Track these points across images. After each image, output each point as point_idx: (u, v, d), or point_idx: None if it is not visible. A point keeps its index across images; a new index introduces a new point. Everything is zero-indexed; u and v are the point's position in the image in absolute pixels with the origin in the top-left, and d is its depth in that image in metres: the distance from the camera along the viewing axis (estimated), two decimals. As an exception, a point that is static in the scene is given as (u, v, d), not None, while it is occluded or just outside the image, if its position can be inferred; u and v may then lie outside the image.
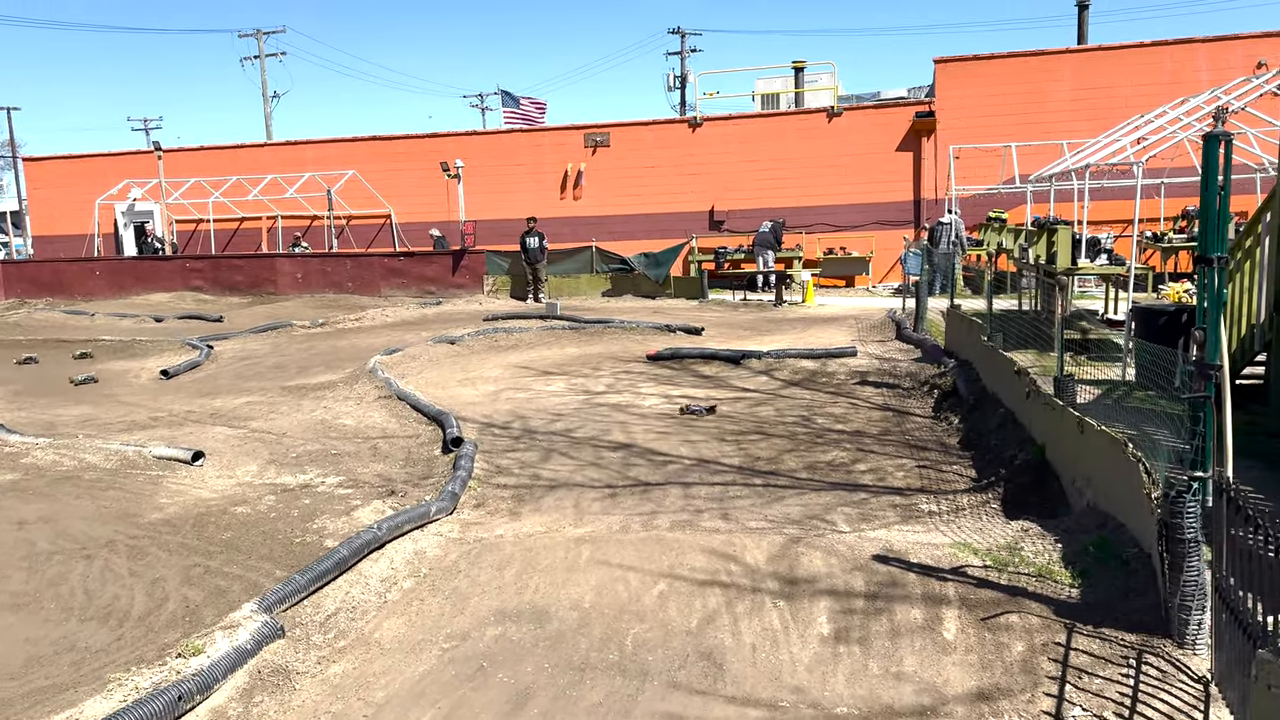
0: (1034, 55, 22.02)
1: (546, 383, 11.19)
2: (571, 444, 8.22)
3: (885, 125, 23.05)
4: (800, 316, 17.65)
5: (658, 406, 9.66)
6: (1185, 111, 13.67)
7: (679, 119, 24.69)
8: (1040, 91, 21.76)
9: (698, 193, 24.03)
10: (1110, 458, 4.97)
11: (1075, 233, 11.58)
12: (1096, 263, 11.64)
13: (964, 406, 8.57)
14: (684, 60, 48.96)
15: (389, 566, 5.32)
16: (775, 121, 24.17)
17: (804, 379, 10.84)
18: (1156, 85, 20.15)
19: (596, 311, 18.89)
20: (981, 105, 21.99)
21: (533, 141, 25.47)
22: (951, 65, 22.34)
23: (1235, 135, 13.18)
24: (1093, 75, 21.51)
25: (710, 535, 5.53)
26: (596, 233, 23.77)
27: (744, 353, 12.04)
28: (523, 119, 28.28)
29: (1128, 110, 19.05)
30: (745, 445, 7.98)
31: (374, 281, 23.00)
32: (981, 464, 6.99)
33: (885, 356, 11.95)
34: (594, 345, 14.15)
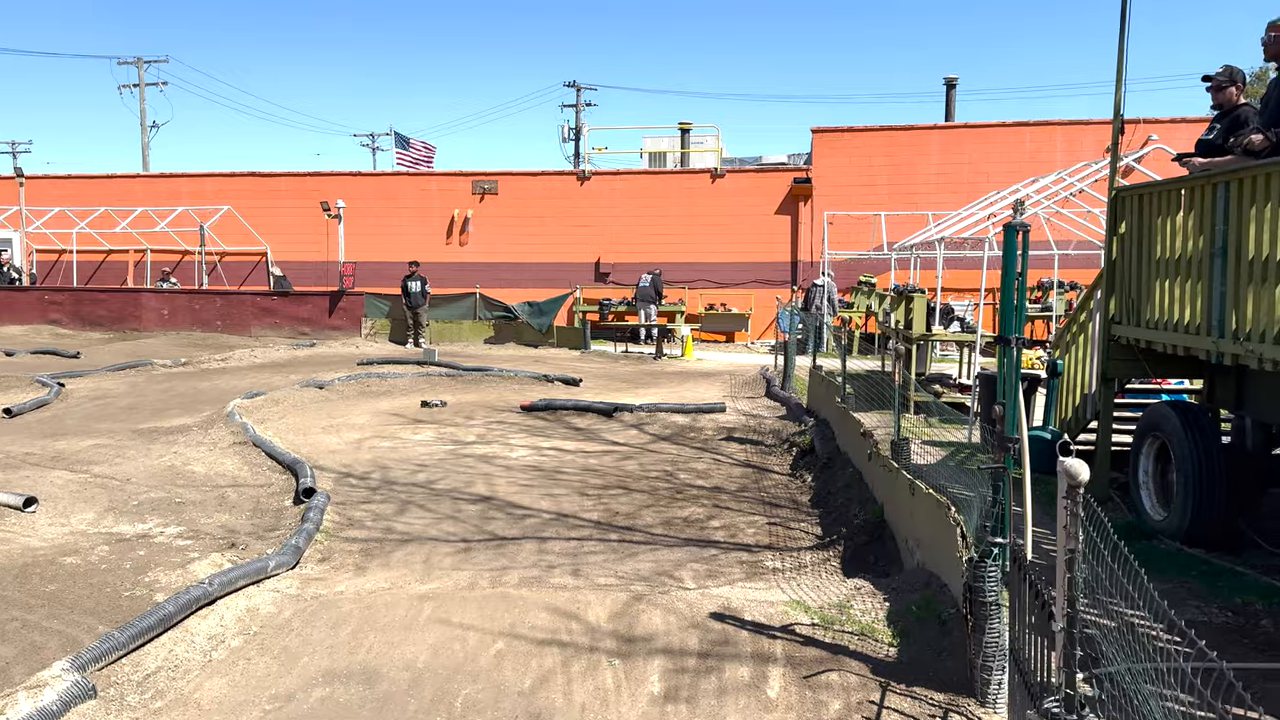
0: (905, 130, 23.20)
1: (415, 431, 11.04)
2: (431, 496, 8.12)
3: (765, 189, 23.83)
4: (678, 370, 17.94)
5: (526, 459, 9.65)
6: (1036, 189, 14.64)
7: (568, 171, 24.98)
8: (910, 164, 22.91)
9: (584, 244, 24.27)
10: (936, 520, 5.23)
11: (930, 301, 12.18)
12: (949, 330, 12.25)
13: (818, 464, 8.85)
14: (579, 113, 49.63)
15: (218, 623, 5.14)
16: (662, 179, 24.71)
17: (673, 434, 11.01)
18: (1018, 162, 21.45)
19: (477, 359, 18.77)
20: (855, 174, 22.99)
21: (420, 185, 25.33)
22: (828, 135, 23.33)
23: (1086, 211, 14.05)
24: (959, 150, 22.78)
25: (556, 592, 5.54)
26: (482, 279, 23.70)
27: (617, 406, 12.15)
28: (413, 161, 28.17)
29: (991, 185, 20.25)
30: (606, 500, 8.04)
31: (245, 321, 22.32)
32: (828, 522, 7.22)
33: (753, 413, 12.25)
34: (469, 393, 14.05)
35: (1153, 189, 7.09)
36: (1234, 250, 5.82)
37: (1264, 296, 5.51)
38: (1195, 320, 6.32)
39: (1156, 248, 6.90)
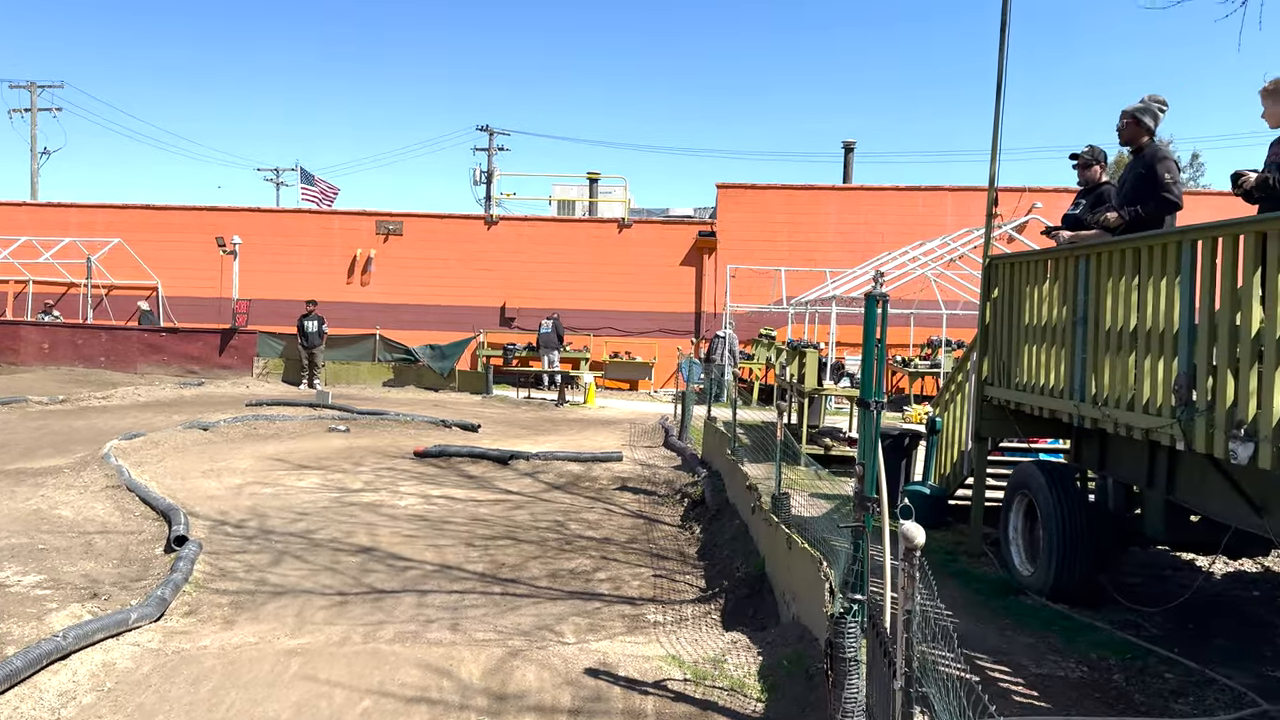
0: (805, 189, 23.94)
1: (300, 478, 10.75)
2: (309, 546, 7.90)
3: (671, 240, 24.21)
4: (579, 418, 17.93)
5: (413, 508, 9.48)
6: (923, 252, 15.27)
7: (475, 215, 24.94)
8: (810, 222, 23.60)
9: (490, 288, 24.19)
10: (809, 574, 5.33)
11: (823, 356, 12.51)
12: (840, 384, 12.58)
13: (708, 516, 8.93)
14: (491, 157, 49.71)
15: (70, 679, 4.88)
16: (569, 227, 24.88)
17: (567, 482, 10.97)
18: (911, 224, 22.31)
19: (374, 402, 18.43)
20: (758, 230, 23.56)
21: (322, 223, 24.92)
22: (732, 191, 23.89)
23: (969, 274, 14.66)
24: (856, 211, 23.58)
25: (431, 648, 5.44)
26: (383, 320, 23.36)
27: (512, 453, 12.06)
28: (318, 197, 27.78)
29: (885, 244, 21.02)
30: (494, 551, 7.94)
31: (130, 357, 21.47)
32: (712, 574, 7.28)
33: (649, 463, 12.31)
34: (362, 438, 13.76)
35: (1022, 259, 7.48)
36: (1093, 320, 6.16)
37: (1119, 365, 5.84)
38: (1059, 385, 6.65)
39: (1025, 314, 7.26)
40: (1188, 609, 6.33)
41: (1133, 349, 5.66)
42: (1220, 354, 4.81)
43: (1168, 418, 5.23)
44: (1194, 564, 7.74)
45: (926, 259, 14.28)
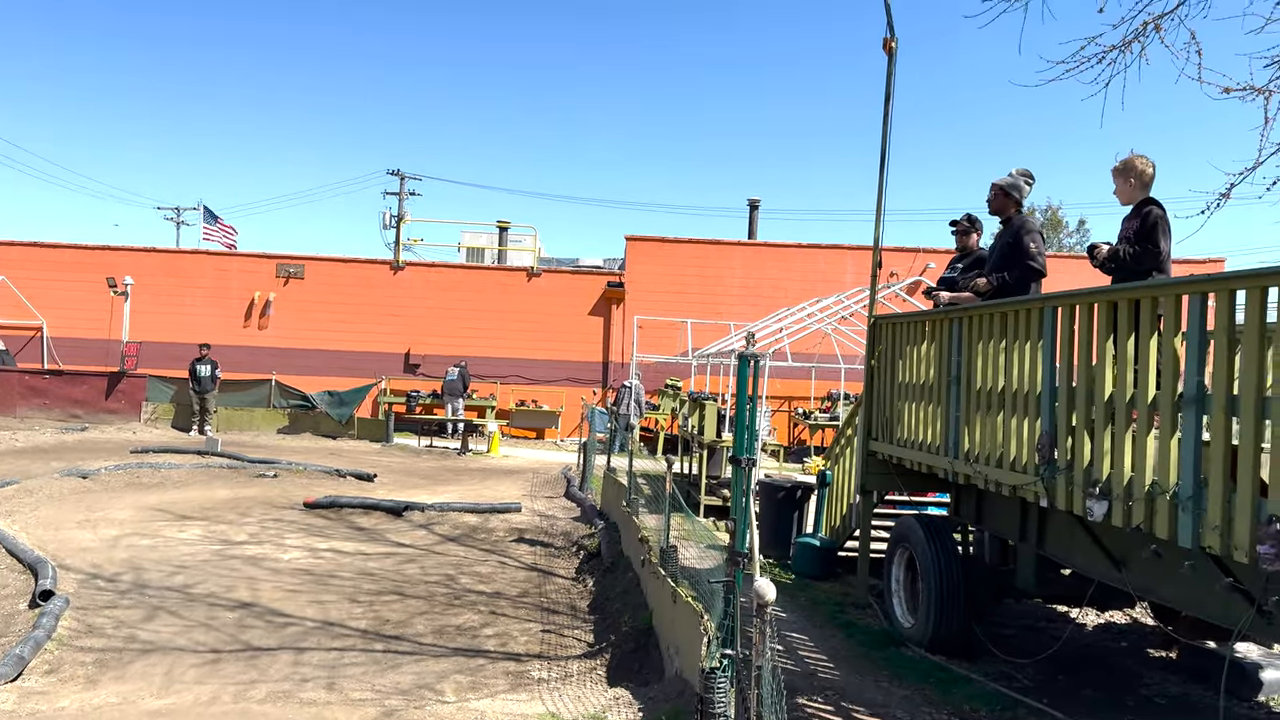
0: (712, 244, 24.39)
1: (181, 529, 10.35)
2: (185, 601, 7.60)
3: (581, 290, 24.33)
4: (482, 467, 17.73)
5: (299, 561, 9.21)
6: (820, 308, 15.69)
7: (381, 260, 24.64)
8: (717, 276, 24.02)
9: (395, 334, 23.86)
10: (691, 628, 5.36)
11: (722, 408, 12.69)
12: (739, 437, 12.76)
13: (601, 569, 8.91)
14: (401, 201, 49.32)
15: (-96, 749, 4.58)
16: (478, 274, 24.78)
17: (462, 534, 10.81)
18: (813, 280, 22.90)
19: (267, 450, 17.90)
20: (666, 282, 23.86)
21: (219, 265, 24.29)
22: (641, 243, 24.19)
23: (863, 329, 15.00)
24: (760, 267, 24.10)
25: (303, 708, 5.27)
26: (281, 365, 22.79)
27: (406, 504, 11.85)
28: (220, 236, 27.17)
29: (789, 299, 21.50)
30: (379, 607, 7.76)
31: (10, 400, 20.47)
32: (601, 629, 7.25)
33: (548, 514, 12.23)
34: (251, 488, 13.34)
35: (903, 319, 7.76)
36: (966, 380, 6.42)
37: (989, 423, 6.09)
38: (936, 441, 6.88)
39: (906, 372, 7.51)
40: (1059, 660, 6.55)
41: (1001, 409, 5.91)
42: (1078, 416, 5.07)
43: (1032, 475, 5.46)
44: (1067, 616, 8.03)
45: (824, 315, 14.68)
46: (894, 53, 7.95)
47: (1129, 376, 4.64)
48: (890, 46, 7.93)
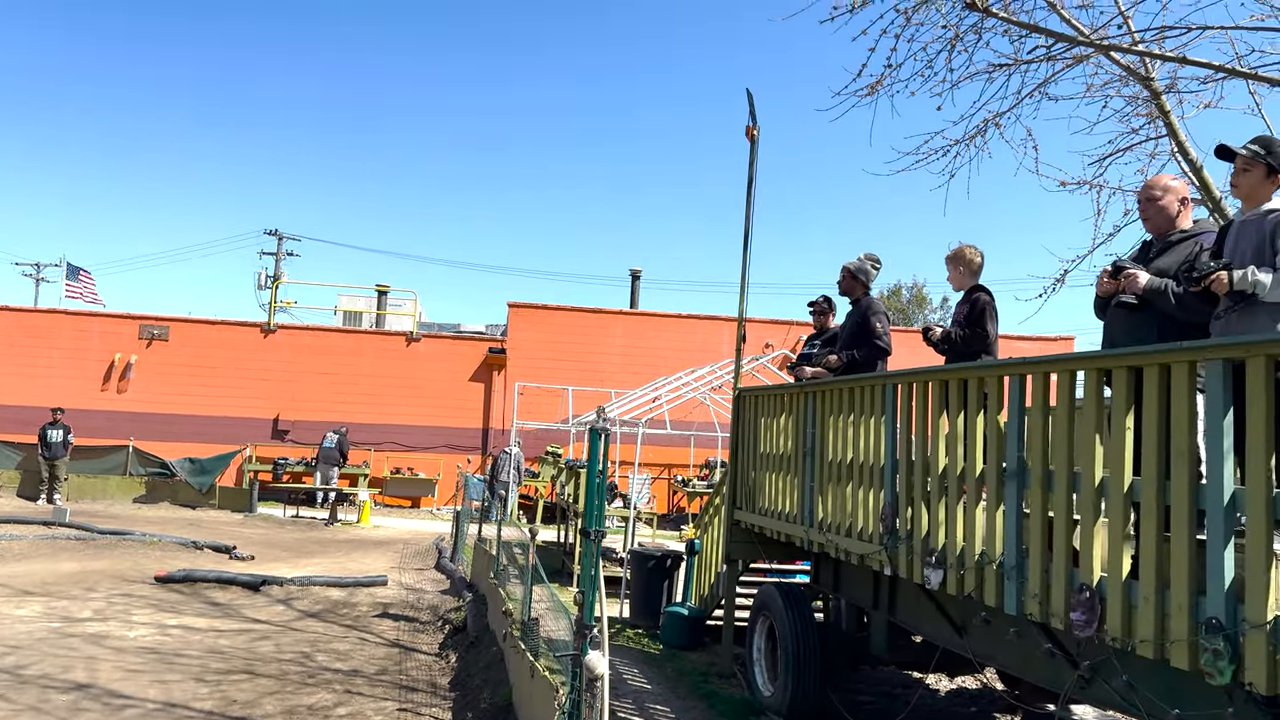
0: (594, 312, 24.65)
1: (19, 605, 9.68)
2: (16, 684, 7.09)
3: (461, 356, 24.14)
4: (351, 538, 17.20)
5: (145, 639, 8.72)
6: (696, 378, 16.00)
7: (251, 322, 23.94)
8: (598, 343, 24.23)
9: (265, 399, 23.09)
10: (547, 704, 5.31)
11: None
12: (613, 505, 12.80)
13: (466, 643, 8.74)
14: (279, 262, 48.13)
15: None
16: (355, 338, 24.33)
17: (323, 610, 10.44)
18: (691, 350, 23.31)
19: (121, 520, 16.95)
20: (547, 349, 23.92)
21: (78, 325, 23.15)
22: (523, 310, 24.26)
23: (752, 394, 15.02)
24: (641, 336, 24.44)
25: (132, 799, 4.97)
26: (141, 431, 21.74)
27: (265, 578, 11.38)
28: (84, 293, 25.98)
29: (669, 368, 21.80)
30: (226, 687, 7.40)
31: None
32: (461, 706, 7.09)
33: (416, 587, 11.93)
34: (100, 560, 12.59)
35: (764, 392, 8.02)
36: (819, 451, 6.67)
37: (839, 494, 6.32)
38: (793, 511, 7.09)
39: (767, 443, 7.74)
40: (910, 725, 6.73)
41: (851, 480, 6.14)
42: (916, 487, 5.33)
43: (877, 545, 5.68)
44: (923, 682, 8.27)
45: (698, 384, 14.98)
46: (756, 140, 8.34)
47: (959, 451, 4.92)
48: (752, 134, 8.32)
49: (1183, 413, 3.43)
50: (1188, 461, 3.41)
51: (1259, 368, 3.14)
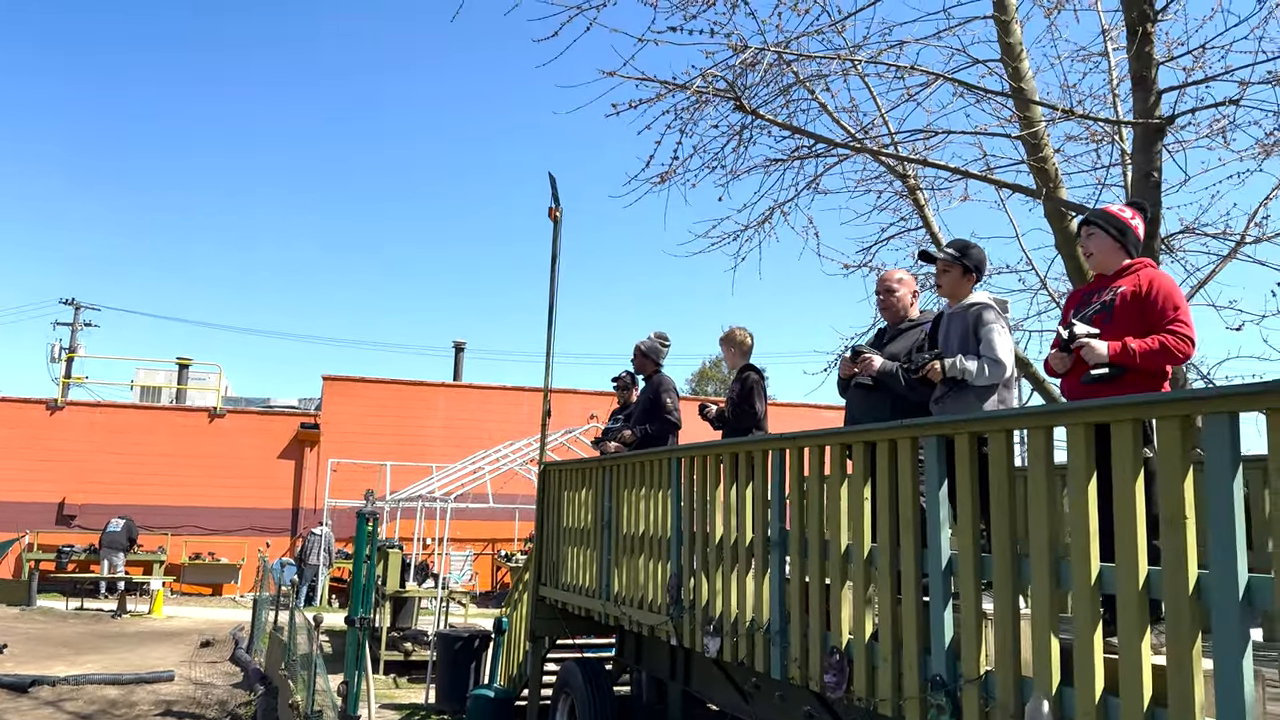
0: (415, 385, 24.23)
1: None
2: None
3: (270, 432, 23.11)
4: (140, 630, 15.95)
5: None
6: (514, 450, 15.96)
7: (35, 399, 22.15)
8: (419, 417, 23.77)
9: (49, 482, 21.30)
10: (326, 801, 5.11)
11: (407, 555, 12.40)
12: (424, 585, 12.49)
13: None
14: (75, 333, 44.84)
15: None
16: (152, 415, 22.90)
17: (98, 711, 9.62)
18: (517, 421, 23.18)
19: None
20: (365, 423, 23.26)
21: None
22: (339, 383, 23.56)
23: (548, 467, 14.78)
24: (464, 408, 24.18)
25: None
26: (-104, 521, 19.54)
27: (35, 678, 10.39)
28: None
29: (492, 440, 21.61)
30: (-28, 805, 6.69)
31: None
32: (242, 809, 6.68)
33: (207, 681, 11.19)
34: None
35: (567, 466, 8.12)
36: (615, 525, 6.80)
37: (633, 566, 6.46)
38: (592, 585, 7.17)
39: (570, 517, 7.82)
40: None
41: (642, 552, 6.30)
42: (697, 558, 5.53)
43: (664, 615, 5.83)
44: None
45: (515, 455, 14.94)
46: (559, 221, 8.58)
47: (732, 522, 5.16)
48: (555, 215, 8.57)
49: (908, 484, 3.76)
50: (913, 529, 3.73)
51: (965, 443, 3.50)
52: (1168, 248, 6.75)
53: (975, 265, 4.19)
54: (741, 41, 5.61)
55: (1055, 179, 6.10)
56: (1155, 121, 5.33)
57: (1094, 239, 3.51)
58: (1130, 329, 3.27)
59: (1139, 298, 3.30)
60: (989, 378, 3.90)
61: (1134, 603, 2.79)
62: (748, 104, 5.85)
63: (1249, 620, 2.50)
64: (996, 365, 3.89)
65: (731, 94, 5.76)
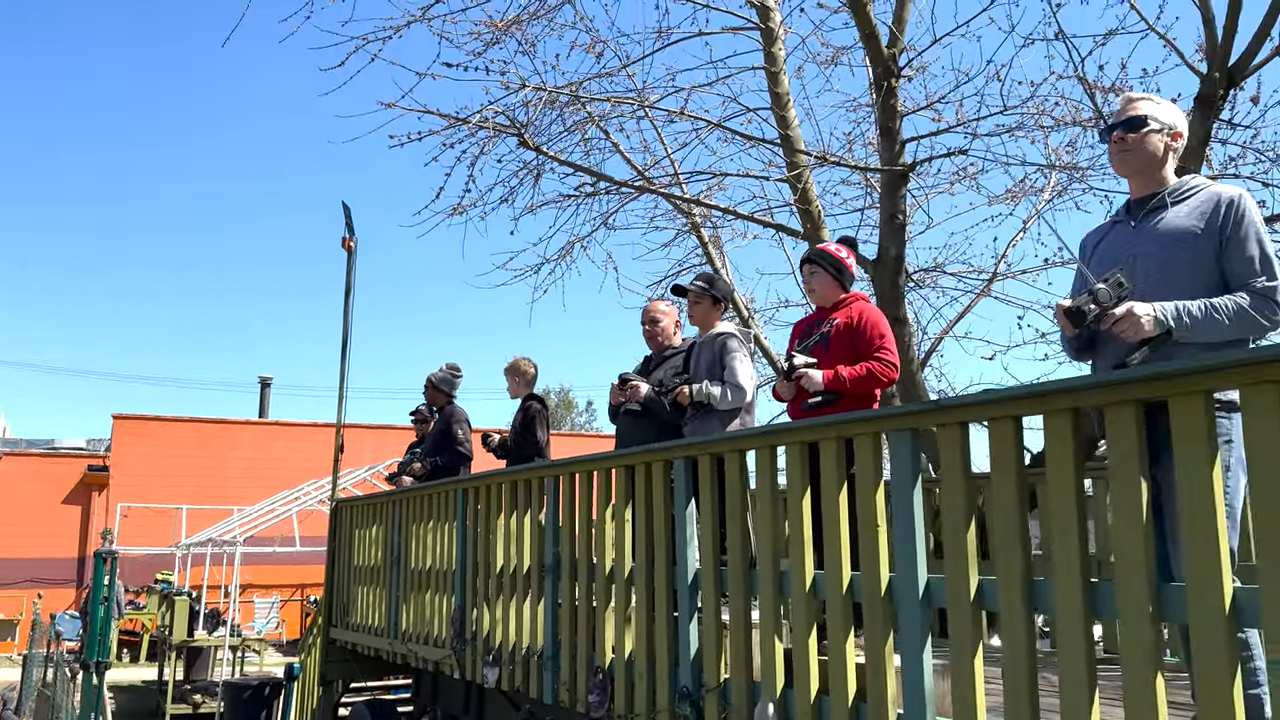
0: (216, 423, 23.03)
1: None
2: None
3: (53, 476, 21.39)
4: (-112, 701, 14.29)
5: None
6: (316, 488, 15.44)
7: None
8: (221, 456, 22.58)
9: None
10: None
11: (195, 603, 11.74)
12: (214, 634, 11.85)
13: (10, 811, 7.59)
14: None
15: None
16: (-88, 459, 20.75)
17: None
18: (327, 460, 22.35)
19: None
20: (159, 464, 21.89)
21: None
22: (131, 422, 22.10)
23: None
24: (271, 446, 23.14)
25: None
26: None
27: None
28: None
29: (300, 479, 20.77)
30: None
31: None
32: None
33: (-38, 751, 10.17)
34: None
35: (358, 503, 7.97)
36: (404, 560, 6.72)
37: (419, 602, 6.39)
38: (381, 623, 7.03)
39: (361, 555, 7.66)
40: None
41: (429, 586, 6.25)
42: (480, 588, 5.55)
43: (449, 649, 5.80)
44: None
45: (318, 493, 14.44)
46: (353, 251, 8.47)
47: (512, 550, 5.22)
48: (349, 245, 8.45)
49: (660, 504, 3.95)
50: (665, 548, 3.91)
51: (706, 464, 3.71)
52: (917, 284, 7.38)
53: (723, 296, 4.47)
54: (520, 81, 5.78)
55: (818, 220, 6.57)
56: (898, 169, 5.87)
57: (815, 276, 3.84)
58: (844, 358, 3.59)
59: (851, 328, 3.63)
60: (731, 402, 4.16)
61: (839, 607, 3.04)
62: (531, 140, 6.00)
63: (928, 617, 2.78)
64: (738, 390, 4.16)
65: (514, 130, 5.90)
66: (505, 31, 5.97)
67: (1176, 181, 2.56)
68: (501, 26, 5.93)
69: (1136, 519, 2.19)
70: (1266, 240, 2.40)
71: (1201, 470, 2.08)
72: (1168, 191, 2.53)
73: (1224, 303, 2.34)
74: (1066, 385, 2.34)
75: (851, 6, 5.86)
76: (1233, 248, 2.38)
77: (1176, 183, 2.56)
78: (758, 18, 6.55)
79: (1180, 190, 2.53)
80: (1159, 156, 2.55)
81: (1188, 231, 2.43)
